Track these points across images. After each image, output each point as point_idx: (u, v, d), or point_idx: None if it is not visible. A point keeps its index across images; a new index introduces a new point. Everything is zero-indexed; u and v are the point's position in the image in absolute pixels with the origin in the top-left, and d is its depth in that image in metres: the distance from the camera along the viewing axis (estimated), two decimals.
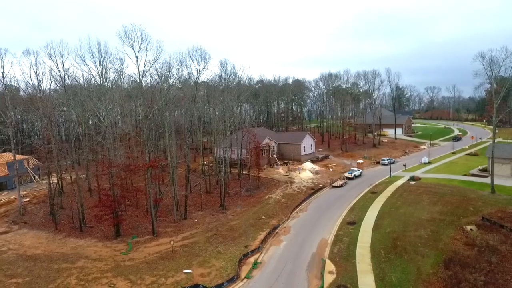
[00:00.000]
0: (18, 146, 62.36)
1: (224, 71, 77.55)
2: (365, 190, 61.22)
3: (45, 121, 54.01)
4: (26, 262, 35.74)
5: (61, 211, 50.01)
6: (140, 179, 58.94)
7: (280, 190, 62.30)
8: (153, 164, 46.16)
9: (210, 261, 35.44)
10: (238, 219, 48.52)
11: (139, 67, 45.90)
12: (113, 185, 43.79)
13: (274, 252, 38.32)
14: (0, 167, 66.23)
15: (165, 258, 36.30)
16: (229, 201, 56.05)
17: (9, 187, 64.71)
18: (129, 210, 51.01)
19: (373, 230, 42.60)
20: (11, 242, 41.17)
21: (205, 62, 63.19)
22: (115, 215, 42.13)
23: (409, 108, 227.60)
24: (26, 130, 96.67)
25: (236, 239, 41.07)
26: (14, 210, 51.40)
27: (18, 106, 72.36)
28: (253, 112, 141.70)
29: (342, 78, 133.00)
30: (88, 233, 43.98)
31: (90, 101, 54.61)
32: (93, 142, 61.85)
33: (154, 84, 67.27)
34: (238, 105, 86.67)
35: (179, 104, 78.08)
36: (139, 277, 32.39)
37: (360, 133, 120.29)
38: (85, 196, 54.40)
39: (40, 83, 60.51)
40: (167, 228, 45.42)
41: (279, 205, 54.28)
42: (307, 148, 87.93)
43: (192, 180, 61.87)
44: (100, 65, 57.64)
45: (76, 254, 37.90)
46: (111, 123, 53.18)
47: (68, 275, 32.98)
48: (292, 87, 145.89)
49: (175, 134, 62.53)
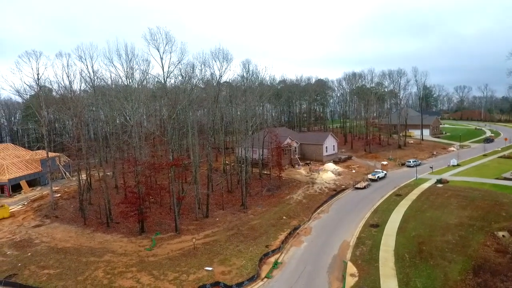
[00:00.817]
0: (50, 144, 65.61)
1: (246, 71, 78.09)
2: (389, 192, 59.69)
3: (75, 120, 56.45)
4: (57, 255, 37.54)
5: (89, 207, 52.12)
6: (164, 177, 60.38)
7: (301, 190, 61.90)
8: (177, 163, 47.15)
9: (231, 260, 35.80)
10: (259, 218, 48.68)
11: (163, 68, 47.13)
12: (138, 183, 45.16)
13: (295, 253, 38.16)
14: (34, 163, 69.97)
15: (187, 255, 37.02)
16: (250, 200, 56.33)
17: (42, 183, 68.23)
18: (153, 207, 52.40)
19: (397, 233, 41.47)
20: (44, 235, 43.38)
21: (228, 62, 63.88)
22: (140, 212, 43.40)
23: (437, 108, 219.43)
24: (58, 129, 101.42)
25: (257, 239, 41.23)
26: (47, 204, 54.11)
27: (51, 106, 75.98)
28: (275, 112, 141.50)
29: (366, 77, 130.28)
30: (115, 229, 45.57)
31: (117, 101, 56.61)
32: (120, 140, 63.95)
33: (178, 84, 68.71)
34: (260, 105, 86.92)
35: (202, 104, 79.28)
36: (162, 272, 33.23)
37: (385, 133, 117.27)
38: (112, 192, 56.39)
39: (71, 84, 63.33)
40: (189, 225, 46.29)
41: (300, 206, 53.95)
42: (329, 149, 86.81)
43: (214, 179, 62.67)
44: (127, 67, 59.70)
45: (103, 248, 39.39)
46: (137, 122, 54.78)
47: (95, 268, 34.35)
48: (315, 86, 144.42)
49: (198, 134, 63.59)
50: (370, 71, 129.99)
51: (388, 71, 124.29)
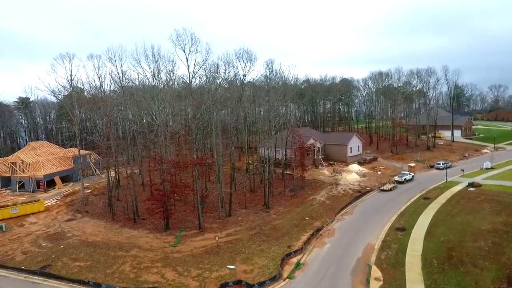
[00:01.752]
0: (82, 142, 68.67)
1: (270, 71, 78.08)
2: (417, 195, 57.72)
3: (105, 119, 58.80)
4: (87, 248, 39.26)
5: (117, 203, 54.05)
6: (188, 176, 61.54)
7: (324, 191, 61.13)
8: (201, 162, 48.00)
9: (253, 259, 35.97)
10: (281, 218, 48.57)
11: (189, 69, 48.14)
12: (164, 181, 46.35)
13: (317, 254, 37.76)
14: (67, 160, 73.46)
15: (210, 253, 37.57)
16: (273, 200, 56.30)
17: (74, 179, 71.50)
18: (178, 205, 53.55)
19: (425, 238, 40.03)
20: (75, 229, 45.50)
21: (251, 62, 64.33)
22: (165, 209, 44.52)
23: (469, 109, 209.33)
24: (89, 127, 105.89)
25: (279, 239, 41.17)
26: (78, 200, 56.67)
27: (83, 105, 79.49)
28: (298, 112, 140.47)
29: (393, 76, 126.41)
30: (141, 225, 47.02)
31: (144, 101, 58.34)
32: (147, 139, 65.89)
33: (202, 84, 69.82)
34: (284, 105, 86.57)
35: (225, 104, 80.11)
36: (185, 269, 33.94)
37: (413, 134, 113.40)
38: (139, 190, 58.17)
39: (102, 85, 66.16)
40: (212, 224, 46.95)
41: (324, 207, 53.31)
42: (354, 150, 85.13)
43: (237, 178, 63.14)
44: (154, 67, 61.39)
45: (130, 243, 40.77)
46: (163, 122, 56.24)
47: (122, 262, 35.62)
48: (339, 86, 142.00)
49: (221, 133, 64.32)
50: (398, 70, 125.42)
51: (416, 69, 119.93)
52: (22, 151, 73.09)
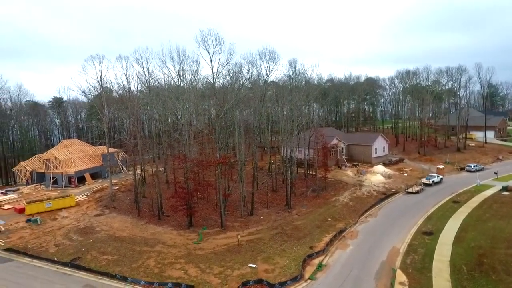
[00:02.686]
0: (110, 141, 71.16)
1: (293, 70, 77.64)
2: (445, 198, 55.58)
3: (132, 118, 60.72)
4: (115, 242, 40.75)
5: (143, 200, 55.66)
6: (211, 175, 62.36)
7: (348, 192, 60.12)
8: (223, 161, 48.54)
9: (274, 258, 36.00)
10: (303, 219, 48.26)
11: (212, 69, 48.81)
12: (188, 179, 47.31)
13: (340, 256, 37.24)
14: (96, 158, 76.49)
15: (232, 251, 37.97)
16: (295, 200, 56.03)
17: (103, 176, 74.26)
18: (201, 203, 54.43)
19: (454, 243, 38.50)
20: (103, 223, 47.32)
21: (274, 62, 64.42)
22: (188, 207, 45.43)
23: (504, 108, 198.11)
24: (117, 126, 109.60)
25: (301, 239, 40.95)
26: (106, 196, 58.84)
27: (111, 105, 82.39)
28: (321, 111, 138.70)
29: (421, 75, 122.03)
30: (165, 221, 48.21)
31: (169, 101, 59.78)
32: (171, 138, 67.39)
33: (226, 84, 70.52)
34: (307, 104, 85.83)
35: (248, 103, 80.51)
36: (208, 266, 34.50)
37: (442, 135, 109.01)
38: (163, 187, 59.61)
39: (129, 85, 68.29)
40: (234, 222, 47.39)
41: (347, 208, 52.45)
42: (379, 150, 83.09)
43: (259, 177, 63.32)
44: (179, 68, 62.67)
45: (155, 239, 41.92)
46: (187, 121, 57.36)
47: (147, 257, 36.71)
48: (364, 85, 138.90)
49: (244, 133, 64.73)
50: (426, 69, 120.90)
51: (446, 68, 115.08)
52: (55, 149, 76.84)
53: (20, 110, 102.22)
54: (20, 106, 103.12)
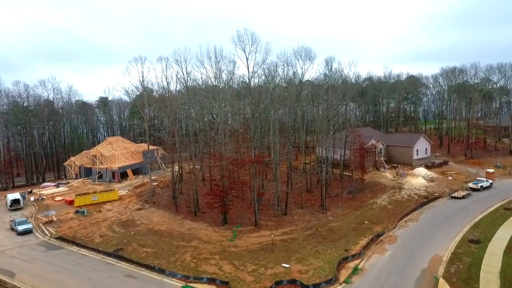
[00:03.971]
0: (151, 138, 74.49)
1: (329, 69, 76.04)
2: (495, 205, 51.59)
3: (171, 117, 62.99)
4: (154, 236, 42.56)
5: (180, 196, 57.56)
6: (246, 173, 63.01)
7: (386, 195, 57.85)
8: (258, 160, 48.80)
9: (308, 259, 35.59)
10: (339, 221, 47.20)
11: (248, 68, 49.26)
12: (223, 177, 48.17)
13: (377, 261, 35.94)
14: (138, 155, 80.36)
15: (265, 250, 38.08)
16: (330, 201, 54.96)
17: (143, 172, 77.91)
18: (235, 201, 55.21)
19: (505, 253, 35.61)
20: (144, 217, 49.61)
21: (310, 60, 63.44)
22: (223, 204, 46.25)
23: None
24: (157, 125, 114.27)
25: (336, 241, 40.09)
26: (146, 191, 61.64)
27: (152, 104, 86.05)
28: (359, 111, 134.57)
29: (468, 72, 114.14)
30: (201, 218, 49.50)
31: (206, 100, 61.20)
32: (208, 137, 68.97)
33: (261, 84, 70.80)
34: (343, 104, 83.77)
35: (283, 103, 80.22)
36: (242, 263, 34.90)
37: (492, 137, 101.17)
38: (199, 184, 61.23)
39: (169, 85, 70.93)
40: (268, 221, 47.49)
41: (385, 212, 50.50)
42: (420, 152, 79.04)
43: (294, 177, 62.89)
44: (216, 68, 63.91)
45: (191, 235, 43.19)
46: (223, 120, 58.43)
47: (184, 252, 37.92)
48: (405, 84, 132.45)
49: (279, 132, 64.60)
50: (474, 65, 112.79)
51: (498, 64, 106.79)
52: (101, 145, 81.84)
53: (70, 109, 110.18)
54: (70, 106, 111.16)
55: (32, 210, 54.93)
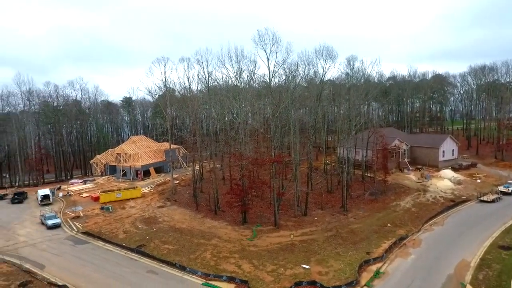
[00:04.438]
0: (172, 138, 75.88)
1: (351, 68, 74.64)
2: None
3: (192, 117, 63.91)
4: (175, 233, 43.33)
5: (201, 195, 58.28)
6: (265, 173, 62.98)
7: (410, 197, 56.23)
8: (278, 160, 48.67)
9: (328, 261, 35.15)
10: (360, 223, 46.31)
11: (269, 68, 49.06)
12: (243, 176, 48.39)
13: (400, 265, 34.99)
14: (160, 153, 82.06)
15: (285, 250, 37.93)
16: (351, 203, 54.02)
17: (165, 171, 79.43)
18: (255, 200, 55.31)
19: None
20: (165, 215, 50.60)
21: (332, 59, 62.53)
22: (243, 203, 46.46)
23: None
24: (178, 124, 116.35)
25: (357, 244, 39.37)
26: (168, 189, 62.82)
27: (174, 104, 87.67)
28: (381, 111, 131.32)
29: (499, 70, 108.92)
30: (221, 216, 49.92)
31: (227, 100, 61.65)
32: (228, 136, 69.53)
33: (281, 83, 70.54)
34: (365, 103, 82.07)
35: (304, 102, 79.57)
36: (261, 263, 34.92)
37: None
38: (220, 183, 61.76)
39: (190, 85, 71.98)
40: (287, 221, 47.27)
41: (408, 214, 49.09)
42: (447, 153, 76.29)
43: (314, 178, 62.29)
44: (236, 68, 64.22)
45: (211, 233, 43.65)
46: (243, 120, 58.66)
47: (204, 249, 38.39)
48: (431, 83, 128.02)
49: (299, 132, 64.17)
50: (505, 63, 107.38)
51: None
52: (125, 144, 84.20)
53: (96, 109, 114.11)
54: (96, 105, 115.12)
55: (60, 205, 57.29)
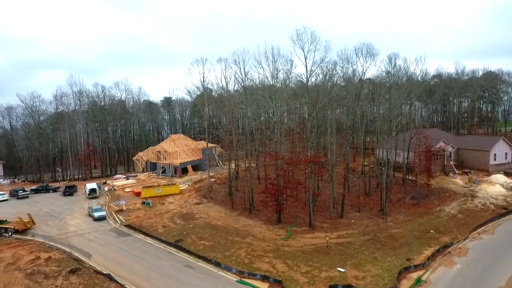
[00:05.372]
0: (209, 136, 77.66)
1: (393, 66, 71.51)
2: None
3: (229, 116, 65.02)
4: (211, 230, 44.34)
5: (236, 193, 59.07)
6: (301, 173, 62.40)
7: (456, 203, 52.82)
8: (314, 160, 47.97)
9: (365, 265, 34.05)
10: (400, 228, 44.33)
11: (306, 67, 48.48)
12: (278, 176, 48.30)
13: (444, 274, 32.99)
14: (197, 152, 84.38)
15: (320, 252, 37.32)
16: (390, 207, 51.88)
17: (202, 168, 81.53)
18: (289, 200, 55.00)
19: None
20: (202, 212, 51.95)
21: (372, 57, 60.34)
22: (277, 203, 46.40)
23: None
24: (215, 123, 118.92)
25: (396, 249, 37.72)
26: (204, 187, 64.41)
27: (211, 104, 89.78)
28: (425, 111, 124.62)
29: None
30: (255, 215, 50.26)
31: (263, 100, 61.87)
32: (263, 135, 69.78)
33: (318, 83, 69.48)
34: (407, 103, 78.33)
35: (341, 102, 77.75)
36: (295, 264, 34.66)
37: None
38: (255, 182, 62.14)
39: (227, 85, 73.25)
40: (323, 223, 46.48)
41: (454, 221, 46.13)
42: (499, 157, 70.62)
43: (351, 179, 60.62)
44: (273, 67, 64.30)
45: (246, 231, 44.10)
46: (279, 119, 58.56)
47: (239, 247, 38.87)
48: (481, 81, 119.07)
49: (336, 132, 62.80)
50: None
51: None
52: (164, 142, 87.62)
53: (139, 108, 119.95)
54: (139, 105, 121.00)
55: (106, 199, 60.96)
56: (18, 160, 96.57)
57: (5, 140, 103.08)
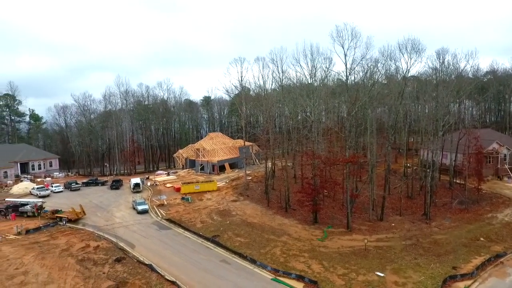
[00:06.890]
0: (246, 135, 78.61)
1: (441, 62, 67.32)
2: None
3: (266, 115, 65.22)
4: (247, 227, 44.91)
5: (272, 192, 59.21)
6: (338, 173, 61.04)
7: (510, 210, 48.67)
8: (352, 160, 46.73)
9: (406, 271, 32.57)
10: (446, 234, 41.77)
11: (346, 65, 47.28)
12: (315, 175, 47.69)
13: (495, 285, 30.61)
14: (234, 150, 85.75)
15: (357, 255, 36.33)
16: (435, 211, 49.07)
17: (239, 166, 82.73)
18: (326, 200, 54.05)
19: None
20: (238, 209, 52.77)
21: (418, 53, 57.22)
22: (314, 203, 45.82)
23: None
24: (252, 122, 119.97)
25: (441, 256, 35.61)
26: (241, 185, 65.32)
27: (248, 103, 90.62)
28: (476, 110, 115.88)
29: None
30: (291, 214, 50.05)
31: (300, 98, 61.25)
32: (300, 134, 69.15)
33: (358, 81, 67.33)
34: (456, 101, 73.35)
35: (383, 100, 74.61)
36: (331, 265, 34.06)
37: None
38: (291, 181, 61.87)
39: (265, 84, 73.50)
40: (361, 225, 45.16)
41: (508, 229, 42.54)
42: None
43: (392, 181, 58.14)
44: (311, 66, 63.38)
45: (281, 230, 44.10)
46: (317, 118, 57.64)
47: (274, 245, 38.99)
48: None
49: (377, 132, 60.48)
50: None
51: None
52: (203, 140, 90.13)
53: (180, 107, 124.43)
54: (180, 104, 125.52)
55: (148, 193, 64.11)
56: (71, 155, 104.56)
57: (61, 136, 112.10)
